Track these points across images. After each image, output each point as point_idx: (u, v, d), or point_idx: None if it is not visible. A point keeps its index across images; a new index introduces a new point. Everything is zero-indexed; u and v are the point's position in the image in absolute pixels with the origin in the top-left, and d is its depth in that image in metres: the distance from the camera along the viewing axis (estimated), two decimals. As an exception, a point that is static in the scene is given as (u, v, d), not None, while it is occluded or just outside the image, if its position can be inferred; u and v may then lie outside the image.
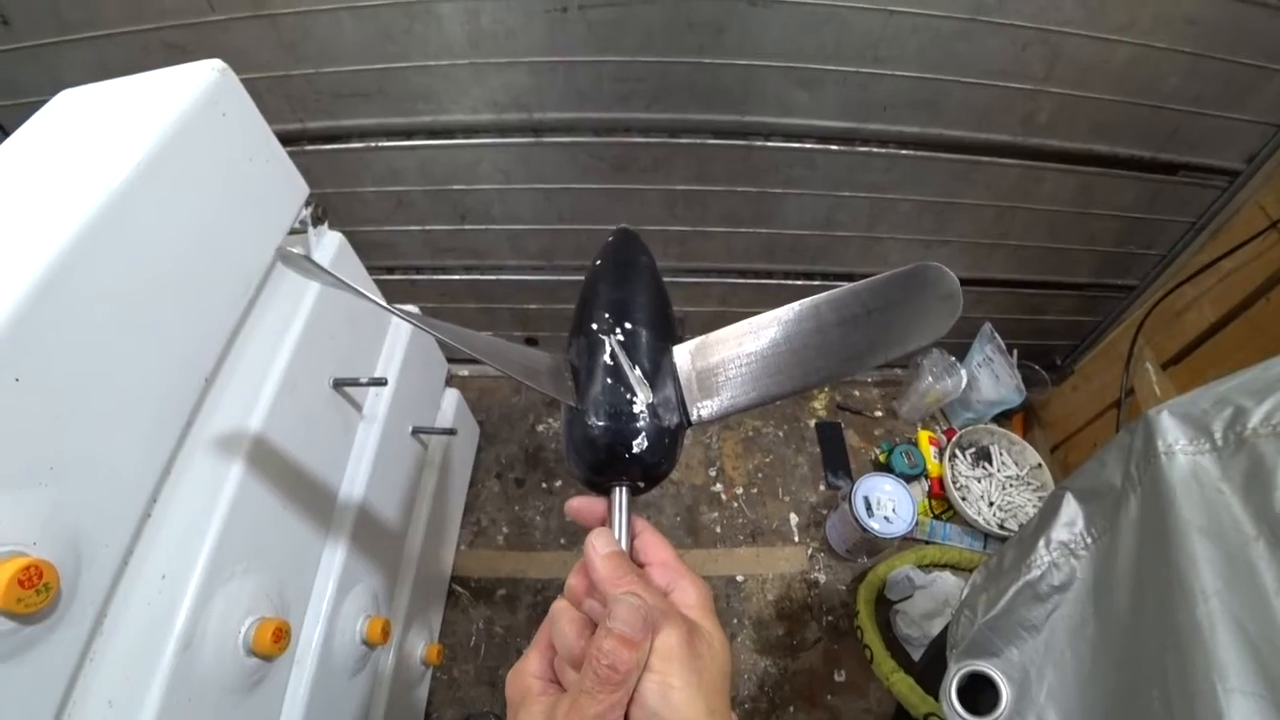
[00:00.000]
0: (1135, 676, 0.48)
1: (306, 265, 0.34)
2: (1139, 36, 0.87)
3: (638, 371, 0.39)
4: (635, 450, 0.37)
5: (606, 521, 0.37)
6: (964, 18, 0.84)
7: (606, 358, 0.39)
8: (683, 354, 0.41)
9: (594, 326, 0.41)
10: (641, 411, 0.38)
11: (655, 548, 0.36)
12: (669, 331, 0.43)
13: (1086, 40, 0.87)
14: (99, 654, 0.49)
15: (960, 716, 0.58)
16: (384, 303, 0.37)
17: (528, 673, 0.32)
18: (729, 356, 0.40)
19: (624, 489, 0.37)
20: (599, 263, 0.47)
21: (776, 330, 0.39)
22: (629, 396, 0.38)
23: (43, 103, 0.69)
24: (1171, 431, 0.52)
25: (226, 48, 0.88)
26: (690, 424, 0.39)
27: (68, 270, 0.45)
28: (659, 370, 0.40)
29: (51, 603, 0.42)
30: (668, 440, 0.38)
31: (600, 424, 0.37)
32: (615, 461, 0.37)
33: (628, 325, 0.41)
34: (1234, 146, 1.04)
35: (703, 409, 0.39)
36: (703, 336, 0.41)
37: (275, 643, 0.59)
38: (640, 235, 0.51)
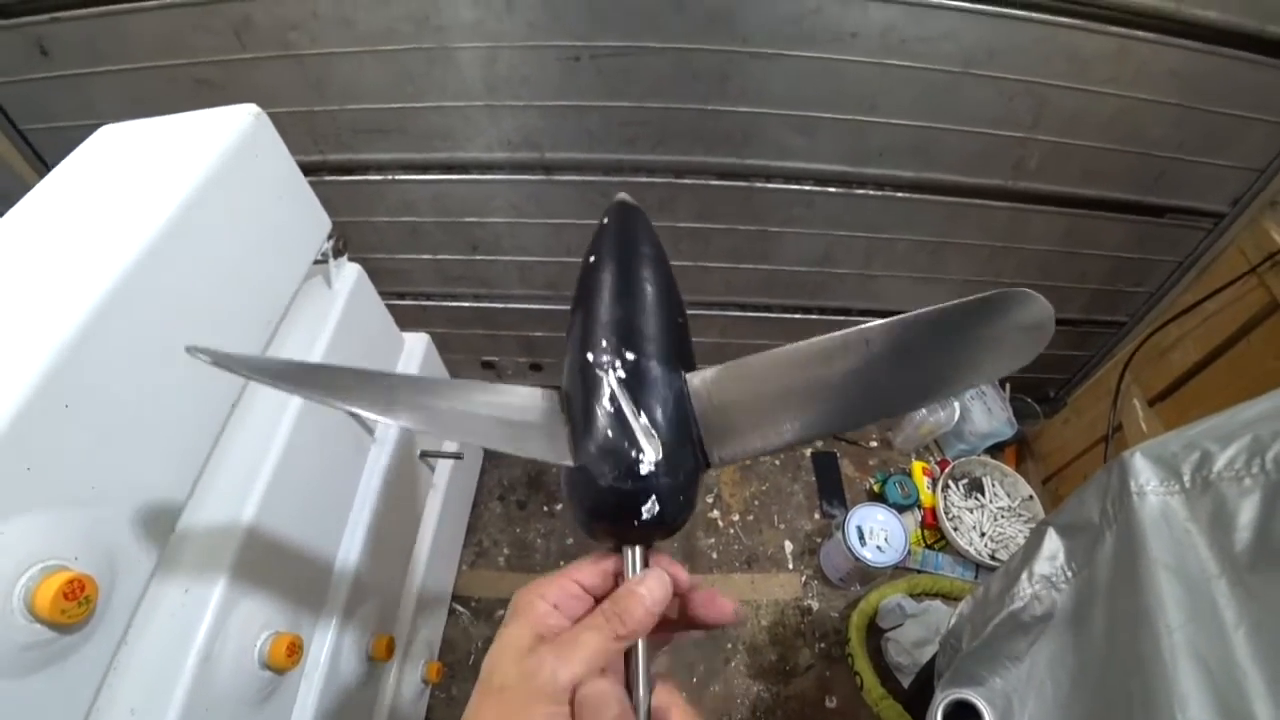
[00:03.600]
0: (1106, 704, 0.50)
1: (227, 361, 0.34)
2: (1123, 89, 0.91)
3: (644, 419, 0.33)
4: (644, 516, 0.32)
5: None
6: (955, 71, 0.88)
7: (606, 402, 0.34)
8: (701, 383, 0.35)
9: (589, 358, 0.35)
10: (650, 471, 0.32)
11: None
12: (682, 352, 0.37)
13: (1072, 92, 0.91)
14: (123, 664, 0.51)
15: None
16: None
17: (538, 592, 0.32)
18: (757, 391, 0.35)
19: (637, 549, 0.33)
20: (593, 259, 0.41)
21: (817, 362, 0.34)
22: (635, 454, 0.32)
23: (76, 128, 0.72)
24: (1144, 473, 0.54)
25: (255, 84, 0.93)
26: (709, 466, 0.35)
27: (117, 304, 0.48)
28: (671, 407, 0.34)
29: (89, 615, 0.44)
30: (682, 497, 0.33)
31: (603, 486, 0.32)
32: (622, 526, 0.33)
33: (629, 356, 0.35)
34: (1219, 190, 1.07)
35: (724, 451, 0.34)
36: (726, 365, 0.36)
37: (289, 657, 0.62)
38: (642, 211, 0.44)
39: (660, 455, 0.33)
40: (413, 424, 0.34)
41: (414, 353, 1.02)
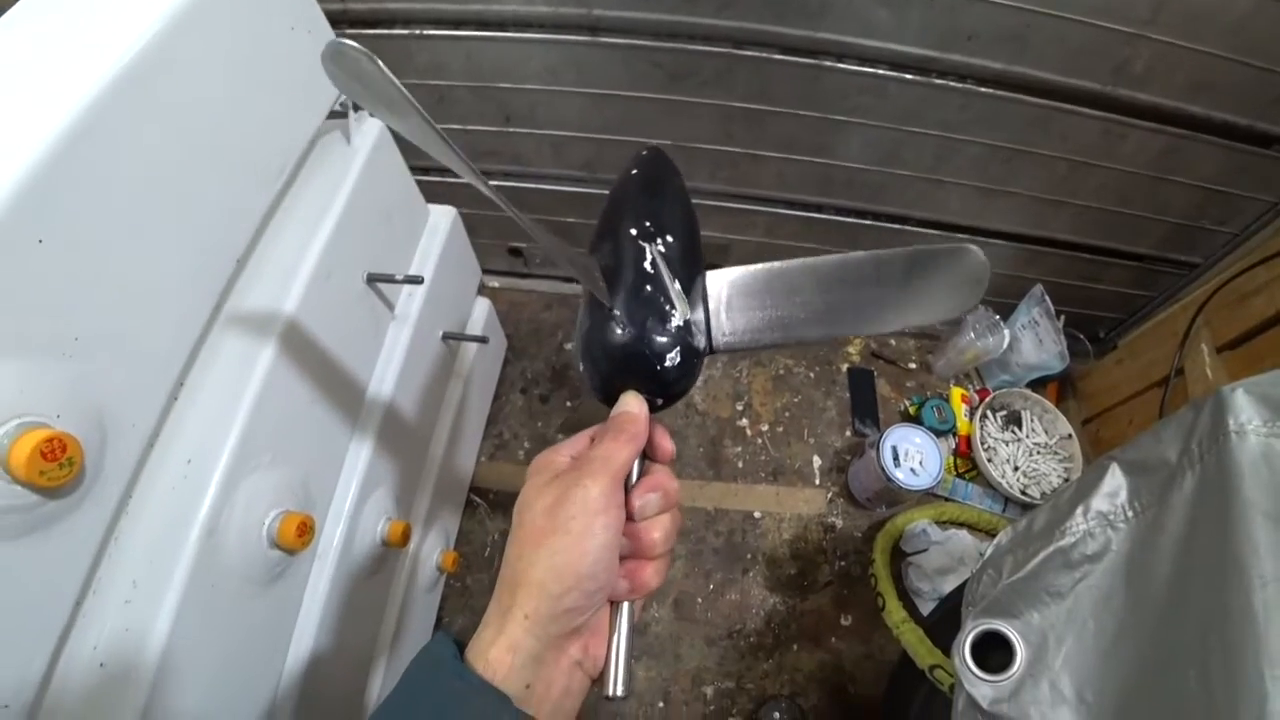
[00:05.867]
0: (1168, 654, 0.47)
1: (365, 67, 0.26)
2: (1265, -17, 0.79)
3: (677, 285, 0.38)
4: (667, 363, 0.36)
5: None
6: (1076, -59, 0.76)
7: (647, 265, 0.38)
8: (715, 281, 0.40)
9: (633, 232, 0.40)
10: (678, 326, 0.37)
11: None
12: (701, 257, 0.43)
13: (1205, -17, 0.79)
14: (124, 534, 0.49)
15: (972, 672, 0.58)
16: (454, 150, 0.29)
17: (554, 453, 0.36)
18: (761, 292, 0.40)
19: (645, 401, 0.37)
20: (635, 171, 0.46)
21: (813, 279, 0.40)
22: (667, 308, 0.37)
23: None
24: (1246, 410, 0.49)
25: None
26: (713, 350, 0.39)
27: (95, 124, 0.42)
28: (692, 290, 0.39)
29: (75, 478, 0.41)
30: (694, 359, 0.38)
31: (633, 330, 0.36)
32: (643, 372, 0.36)
33: (669, 239, 0.40)
34: (1343, 121, 0.96)
35: (727, 337, 0.39)
36: (736, 268, 0.40)
37: (299, 537, 0.60)
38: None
39: (689, 315, 0.38)
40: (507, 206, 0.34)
41: (439, 227, 0.96)
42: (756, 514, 1.22)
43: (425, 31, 0.97)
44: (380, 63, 0.26)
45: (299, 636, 0.68)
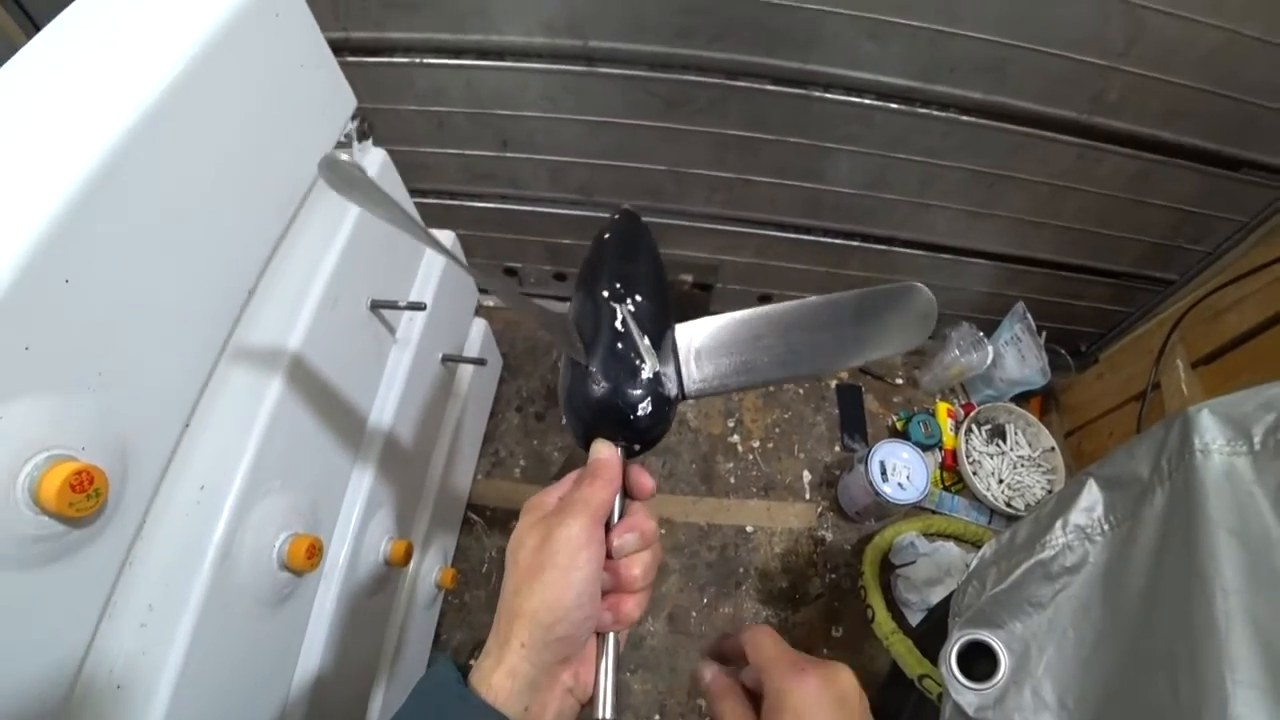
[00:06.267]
0: (1141, 661, 0.50)
1: (355, 176, 0.32)
2: (1229, 20, 0.83)
3: (646, 341, 0.41)
4: (639, 413, 0.39)
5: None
6: (1051, -20, 0.80)
7: (618, 324, 0.42)
8: (684, 333, 0.44)
9: (605, 294, 0.43)
10: (648, 378, 0.40)
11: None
12: (670, 312, 0.46)
13: (1173, 19, 0.83)
14: (138, 560, 0.50)
15: (958, 681, 0.60)
16: (426, 233, 0.36)
17: (544, 495, 0.39)
18: (726, 341, 0.43)
19: (619, 449, 0.40)
20: (607, 235, 0.49)
21: (772, 326, 0.43)
22: (637, 363, 0.40)
23: None
24: (1210, 430, 0.52)
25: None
26: (685, 397, 0.42)
27: (118, 169, 0.44)
28: (662, 344, 0.42)
29: (100, 508, 0.42)
30: (666, 408, 0.41)
31: (607, 385, 0.39)
32: (617, 422, 0.39)
33: (638, 298, 0.43)
34: (1305, 148, 1.00)
35: (696, 384, 0.43)
36: (703, 319, 0.44)
37: (308, 559, 0.61)
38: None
39: (658, 368, 0.41)
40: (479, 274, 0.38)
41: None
42: (748, 528, 1.24)
43: (425, 60, 1.00)
44: (367, 172, 0.30)
45: (305, 656, 0.69)
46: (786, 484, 1.30)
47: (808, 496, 1.29)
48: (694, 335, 0.44)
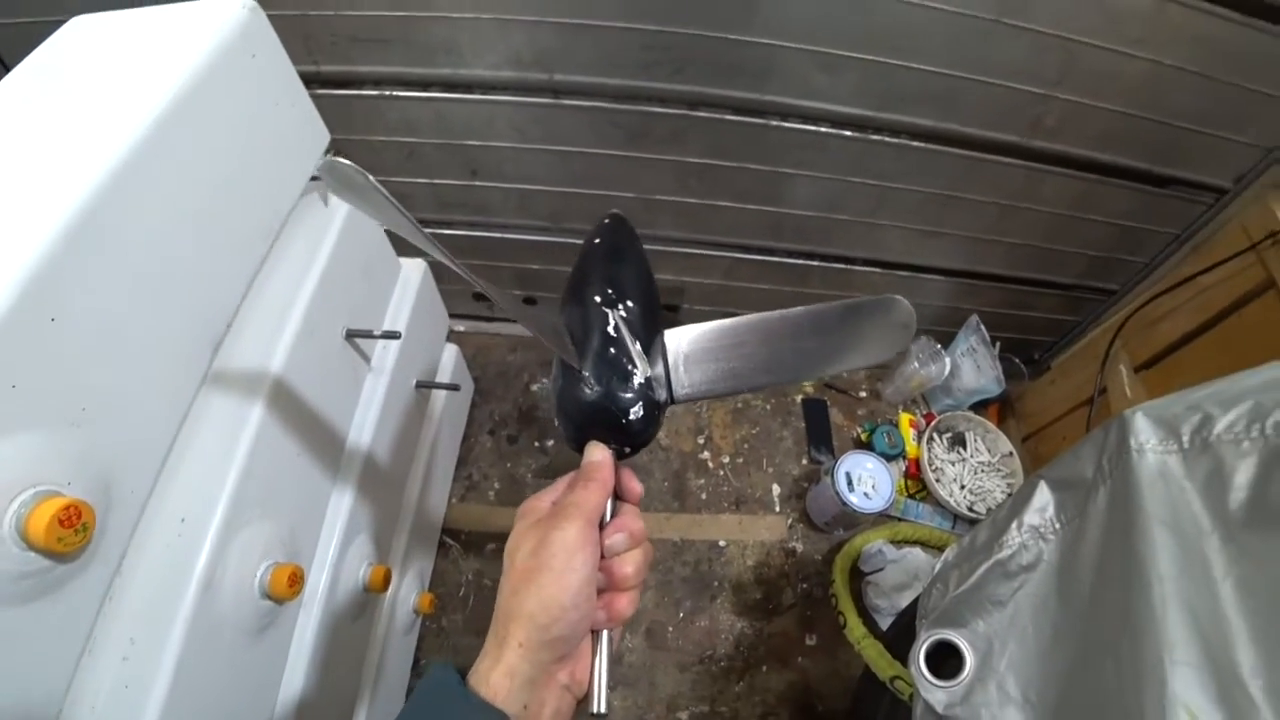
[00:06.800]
0: (1091, 649, 0.52)
1: (357, 179, 0.31)
2: (1153, 52, 0.90)
3: (638, 346, 0.42)
4: (631, 417, 0.40)
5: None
6: (989, 18, 0.86)
7: (610, 329, 0.42)
8: (673, 339, 0.45)
9: (597, 299, 0.44)
10: (640, 383, 0.41)
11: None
12: (659, 317, 0.47)
13: (1102, 51, 0.90)
14: (119, 594, 0.50)
15: (927, 680, 0.62)
16: (432, 242, 0.35)
17: (537, 500, 0.40)
18: (713, 347, 0.44)
19: (611, 451, 0.41)
20: (598, 240, 0.50)
21: (758, 334, 0.44)
22: (629, 368, 0.41)
23: (37, 24, 0.64)
24: (1144, 431, 0.55)
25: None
26: (674, 401, 0.43)
27: (101, 209, 0.44)
28: (652, 349, 0.43)
29: (87, 542, 0.42)
30: (656, 412, 0.42)
31: (600, 389, 0.40)
32: (609, 425, 0.40)
33: (629, 304, 0.44)
34: (1226, 166, 1.08)
35: (685, 389, 0.44)
36: (692, 326, 0.45)
37: (290, 587, 0.61)
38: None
39: (650, 373, 0.42)
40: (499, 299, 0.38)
41: (410, 280, 1.00)
42: (721, 542, 1.27)
43: (395, 93, 1.01)
44: (371, 177, 0.31)
45: (285, 686, 0.69)
46: (757, 497, 1.32)
47: (778, 509, 1.32)
48: (682, 341, 0.44)
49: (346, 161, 0.31)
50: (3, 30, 0.94)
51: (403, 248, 1.00)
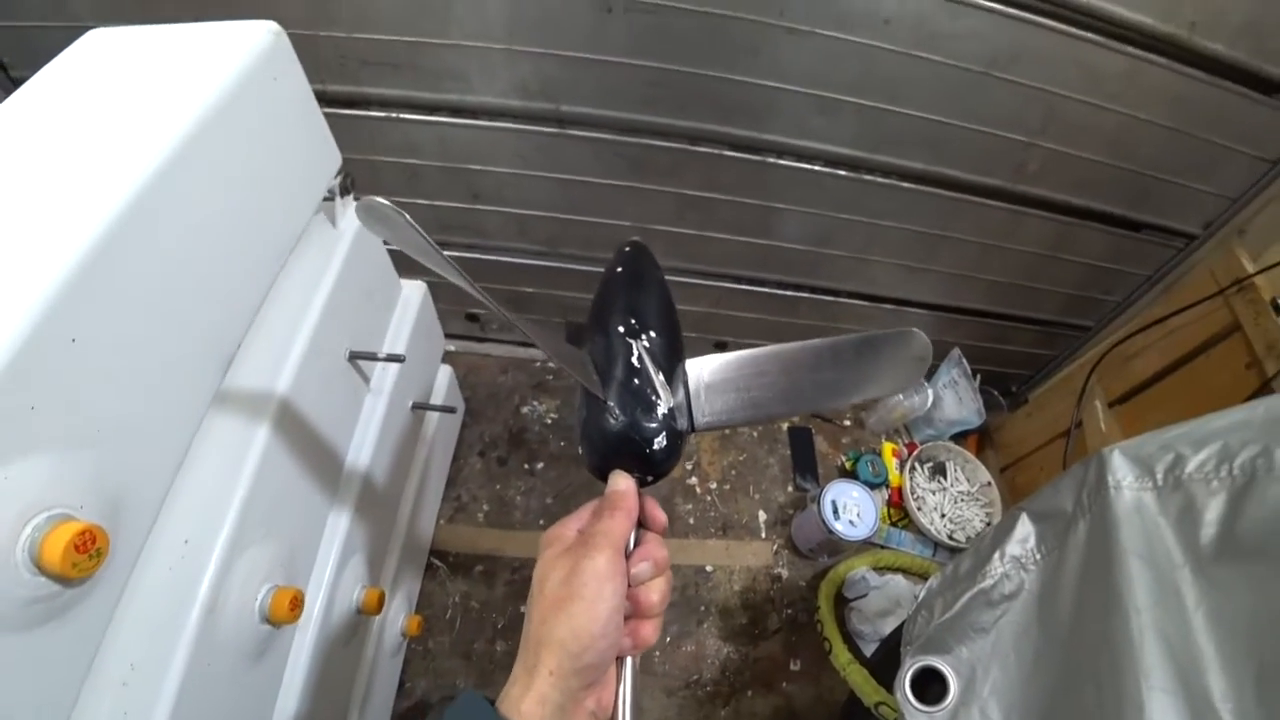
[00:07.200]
0: (1072, 676, 0.55)
1: (395, 219, 0.32)
2: (1128, 107, 0.96)
3: (661, 377, 0.43)
4: (655, 446, 0.40)
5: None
6: (978, 70, 0.91)
7: (634, 360, 0.43)
8: (694, 367, 0.46)
9: (620, 330, 0.45)
10: (664, 413, 0.41)
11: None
12: (681, 347, 0.48)
13: (1081, 104, 0.95)
14: (120, 618, 0.48)
15: (912, 705, 0.63)
16: (466, 278, 0.36)
17: (562, 528, 0.41)
18: (735, 377, 0.45)
19: (635, 479, 0.41)
20: (620, 269, 0.51)
21: (779, 364, 0.45)
22: (653, 398, 0.41)
23: (45, 30, 0.63)
24: (1121, 469, 0.58)
25: (255, -2, 0.87)
26: (694, 430, 0.44)
27: (124, 231, 0.44)
28: (674, 378, 0.44)
29: (100, 567, 0.41)
30: (678, 441, 0.42)
31: (624, 419, 0.40)
32: (633, 455, 0.41)
33: (652, 334, 0.45)
34: (1195, 213, 1.14)
35: (706, 418, 0.44)
36: (712, 355, 0.45)
37: (291, 610, 0.61)
38: (650, 245, 0.55)
39: (673, 403, 0.42)
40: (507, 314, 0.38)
41: (411, 301, 1.00)
42: (708, 568, 1.28)
43: (401, 115, 1.03)
44: (407, 216, 0.32)
45: (279, 712, 0.68)
46: (743, 523, 1.34)
47: (764, 535, 1.33)
48: (704, 370, 0.45)
49: (384, 201, 0.32)
50: (3, 32, 0.95)
51: (399, 266, 1.01)
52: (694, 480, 1.38)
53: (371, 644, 0.91)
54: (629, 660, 0.39)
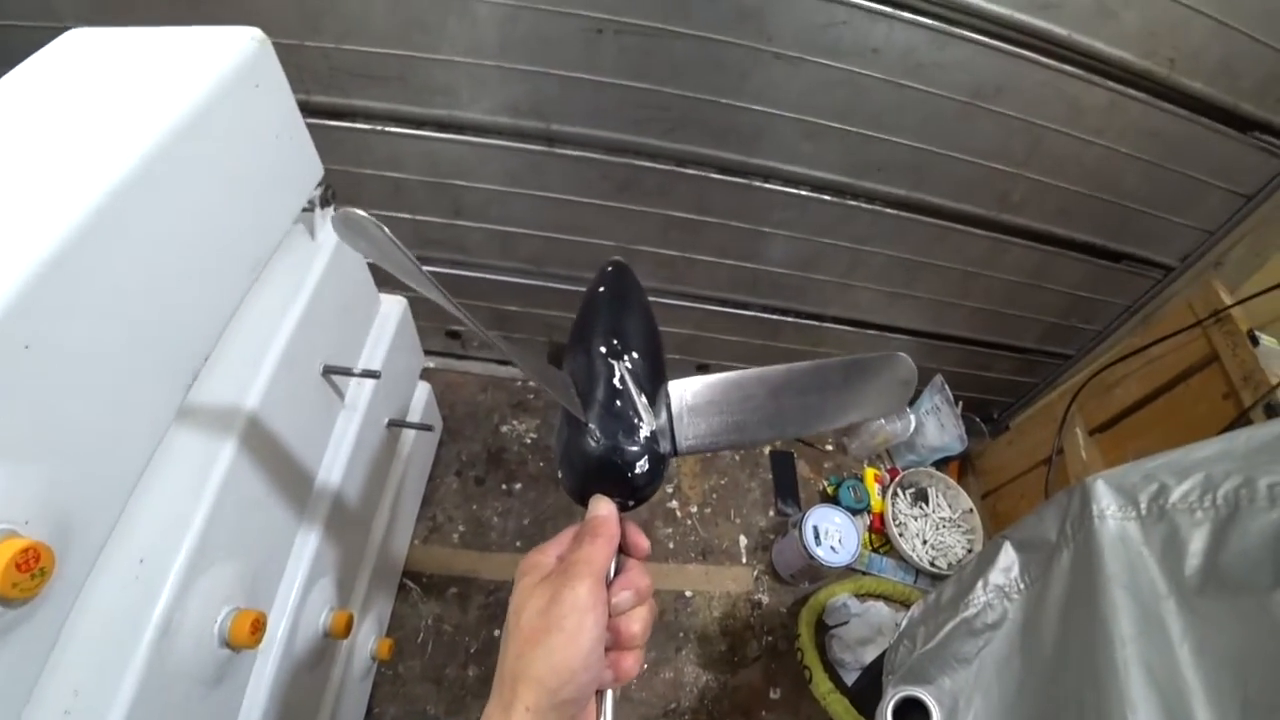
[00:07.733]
0: (1056, 707, 0.54)
1: (373, 232, 0.31)
2: (1109, 140, 0.98)
3: (643, 399, 0.42)
4: (636, 470, 0.39)
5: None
6: (963, 100, 0.92)
7: (616, 381, 0.42)
8: (677, 389, 0.44)
9: (602, 350, 0.44)
10: (646, 436, 0.40)
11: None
12: (664, 368, 0.47)
13: (1064, 137, 0.97)
14: (64, 640, 0.45)
15: None
16: (447, 297, 0.34)
17: (539, 555, 0.39)
18: (719, 400, 0.44)
19: (616, 504, 0.40)
20: (602, 289, 0.50)
21: (763, 387, 0.44)
22: (635, 420, 0.40)
23: (28, 29, 0.61)
24: (1105, 498, 0.58)
25: (240, 3, 0.86)
26: (676, 453, 0.42)
27: (91, 235, 0.42)
28: (656, 400, 0.43)
29: (45, 587, 0.39)
30: (661, 465, 0.41)
31: (606, 442, 0.39)
32: (614, 479, 0.39)
33: (635, 355, 0.44)
34: (1172, 245, 1.17)
35: (689, 441, 0.43)
36: (695, 378, 0.44)
37: (252, 634, 0.58)
38: (632, 265, 0.54)
39: (655, 426, 0.41)
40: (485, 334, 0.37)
41: (390, 316, 0.98)
42: (687, 593, 1.26)
43: (387, 128, 1.02)
44: (386, 229, 0.30)
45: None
46: (724, 548, 1.32)
47: (744, 560, 1.32)
48: (686, 392, 0.44)
49: (362, 213, 0.31)
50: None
51: (379, 281, 0.99)
52: (674, 504, 1.37)
53: (339, 668, 0.88)
54: (609, 693, 0.38)
